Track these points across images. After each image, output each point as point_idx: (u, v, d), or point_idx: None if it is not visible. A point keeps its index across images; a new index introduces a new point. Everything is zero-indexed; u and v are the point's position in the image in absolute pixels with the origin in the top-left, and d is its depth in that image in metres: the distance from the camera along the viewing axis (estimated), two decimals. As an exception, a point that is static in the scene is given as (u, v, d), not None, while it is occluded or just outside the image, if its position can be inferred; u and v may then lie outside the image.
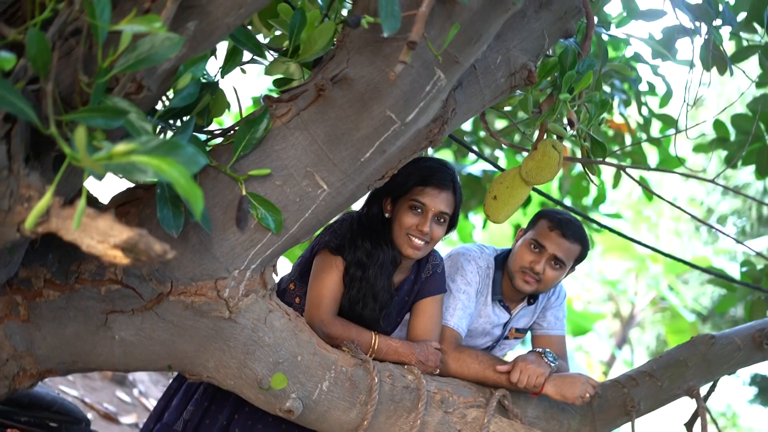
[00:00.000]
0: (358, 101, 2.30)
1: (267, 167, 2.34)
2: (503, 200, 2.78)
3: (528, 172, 2.73)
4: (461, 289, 3.11)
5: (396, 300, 2.97)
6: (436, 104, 2.39)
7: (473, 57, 2.35)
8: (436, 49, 2.21)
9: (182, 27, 1.99)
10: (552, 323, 3.41)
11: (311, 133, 2.33)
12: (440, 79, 2.31)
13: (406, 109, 2.31)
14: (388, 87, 2.27)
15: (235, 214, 2.33)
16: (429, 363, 2.83)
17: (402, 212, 2.86)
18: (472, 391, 2.87)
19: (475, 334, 3.29)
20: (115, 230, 1.67)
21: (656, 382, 3.10)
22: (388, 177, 2.51)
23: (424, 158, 2.93)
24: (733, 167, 6.02)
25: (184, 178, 1.56)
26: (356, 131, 2.32)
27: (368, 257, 2.83)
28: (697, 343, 3.17)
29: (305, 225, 2.43)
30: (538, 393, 2.93)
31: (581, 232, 3.16)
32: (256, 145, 2.34)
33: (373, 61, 2.27)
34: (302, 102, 2.36)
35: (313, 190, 2.37)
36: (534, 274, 3.13)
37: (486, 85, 2.57)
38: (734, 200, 16.42)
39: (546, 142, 2.72)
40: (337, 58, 2.34)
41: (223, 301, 2.40)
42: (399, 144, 2.40)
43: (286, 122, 2.35)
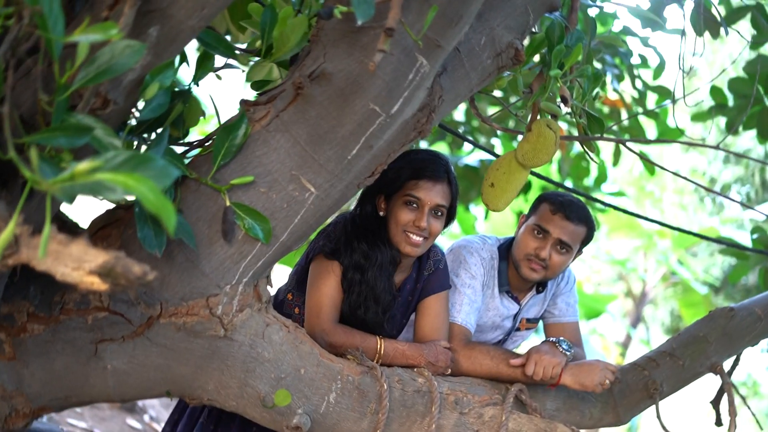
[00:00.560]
0: (339, 96, 2.19)
1: (250, 174, 2.23)
2: (501, 187, 2.67)
3: (524, 155, 2.63)
4: (466, 283, 3.00)
5: (399, 301, 2.86)
6: (421, 92, 2.29)
7: (455, 39, 2.25)
8: (416, 34, 2.10)
9: (144, 34, 1.90)
10: (563, 310, 3.30)
11: (293, 135, 2.23)
12: (423, 65, 2.21)
13: (389, 100, 2.20)
14: (369, 79, 2.16)
15: (221, 227, 2.23)
16: (439, 363, 2.72)
17: (397, 209, 2.75)
18: (487, 389, 2.76)
19: (485, 328, 3.18)
20: (89, 255, 1.58)
21: (677, 361, 2.98)
22: (378, 173, 2.40)
23: (415, 151, 2.82)
24: (734, 134, 5.91)
25: (153, 193, 1.45)
26: (340, 128, 2.22)
27: (366, 259, 2.72)
28: (716, 317, 3.06)
29: (296, 231, 2.32)
30: (556, 384, 2.82)
31: (585, 213, 3.05)
32: (236, 152, 2.24)
33: (350, 53, 2.17)
34: (281, 103, 2.26)
35: (300, 194, 2.27)
36: (540, 260, 3.03)
37: (472, 68, 2.46)
38: (736, 168, 16.30)
39: (540, 123, 2.62)
40: (314, 54, 2.24)
41: (216, 318, 2.30)
42: (386, 138, 2.30)
43: (266, 125, 2.25)
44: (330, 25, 2.22)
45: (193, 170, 2.27)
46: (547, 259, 3.02)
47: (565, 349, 2.83)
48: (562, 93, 2.52)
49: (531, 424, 2.65)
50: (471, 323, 2.96)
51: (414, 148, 2.83)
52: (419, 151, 2.84)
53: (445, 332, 2.86)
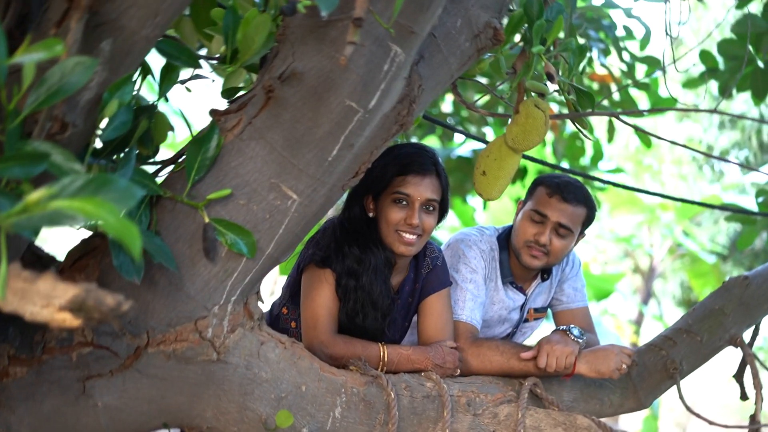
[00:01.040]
0: (312, 96, 2.09)
1: (227, 187, 2.13)
2: (493, 174, 2.56)
3: (514, 139, 2.52)
4: (467, 278, 2.89)
5: (399, 304, 2.75)
6: (399, 83, 2.18)
7: (429, 24, 2.14)
8: (386, 22, 2.00)
9: (96, 48, 1.79)
10: (571, 296, 3.19)
11: (268, 141, 2.13)
12: (397, 54, 2.10)
13: (366, 94, 2.10)
14: (342, 74, 2.06)
15: (202, 245, 2.12)
16: (447, 365, 2.61)
17: (386, 208, 2.64)
18: (500, 386, 2.65)
19: (491, 323, 3.07)
20: (58, 291, 1.48)
21: (695, 337, 2.87)
22: (362, 173, 2.30)
23: (399, 145, 2.71)
24: (728, 97, 5.81)
25: (114, 217, 1.35)
26: (317, 129, 2.11)
27: (359, 264, 2.61)
28: (731, 287, 2.95)
29: (282, 242, 2.22)
30: (571, 374, 2.71)
31: (583, 193, 2.94)
32: (210, 165, 2.13)
33: (320, 49, 2.07)
34: (252, 109, 2.16)
35: (282, 203, 2.16)
36: (540, 246, 2.92)
37: (450, 53, 2.35)
38: (732, 133, 16.20)
39: (528, 103, 2.51)
40: (282, 54, 2.13)
41: (207, 342, 2.19)
42: (366, 134, 2.19)
43: (239, 134, 2.15)
44: (296, 21, 2.12)
45: (167, 189, 2.16)
46: (548, 245, 2.91)
47: (577, 336, 2.72)
48: (547, 70, 2.41)
49: (549, 418, 2.54)
50: (476, 319, 2.85)
51: (398, 143, 2.72)
52: (404, 145, 2.73)
53: (450, 331, 2.75)
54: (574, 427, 2.52)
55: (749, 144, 15.87)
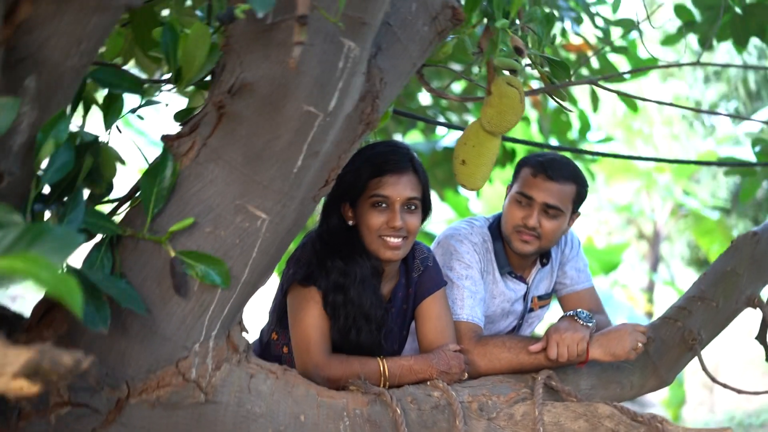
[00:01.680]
0: (267, 106, 1.96)
1: (189, 216, 2.00)
2: (473, 162, 2.43)
3: (490, 122, 2.38)
4: (462, 275, 2.75)
5: (393, 312, 2.61)
6: (358, 80, 2.05)
7: (381, 12, 2.01)
8: (333, 16, 1.86)
9: (20, 87, 1.65)
10: (575, 278, 3.06)
11: (227, 160, 2.00)
12: (351, 49, 1.97)
13: (323, 96, 1.97)
14: (295, 78, 1.93)
15: (172, 282, 1.99)
16: (453, 370, 2.47)
17: (365, 213, 2.50)
18: (512, 384, 2.51)
19: (495, 318, 2.94)
20: (9, 357, 1.37)
21: (710, 303, 2.74)
22: (333, 180, 2.16)
23: (370, 145, 2.57)
24: (709, 49, 5.68)
25: (47, 273, 1.22)
26: (277, 141, 1.98)
27: (345, 277, 2.47)
28: (740, 245, 2.81)
29: (257, 266, 2.08)
30: (585, 361, 2.57)
31: (570, 169, 2.80)
32: (168, 195, 2.00)
33: (268, 55, 1.94)
34: (205, 129, 2.03)
35: (251, 224, 2.03)
36: (529, 230, 2.78)
37: (409, 41, 2.22)
38: (719, 85, 16.08)
39: (500, 82, 2.38)
40: (230, 66, 2.01)
41: (192, 383, 2.06)
42: (331, 139, 2.06)
43: (194, 158, 2.02)
44: (239, 29, 1.99)
45: (126, 226, 2.03)
46: (537, 227, 2.78)
47: (586, 320, 2.58)
48: (515, 44, 2.28)
49: (568, 411, 2.41)
50: (478, 317, 2.71)
51: (369, 143, 2.58)
52: (375, 144, 2.59)
53: (452, 334, 2.61)
54: (595, 416, 2.39)
55: (737, 94, 15.75)
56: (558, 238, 2.84)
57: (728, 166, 4.87)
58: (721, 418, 13.46)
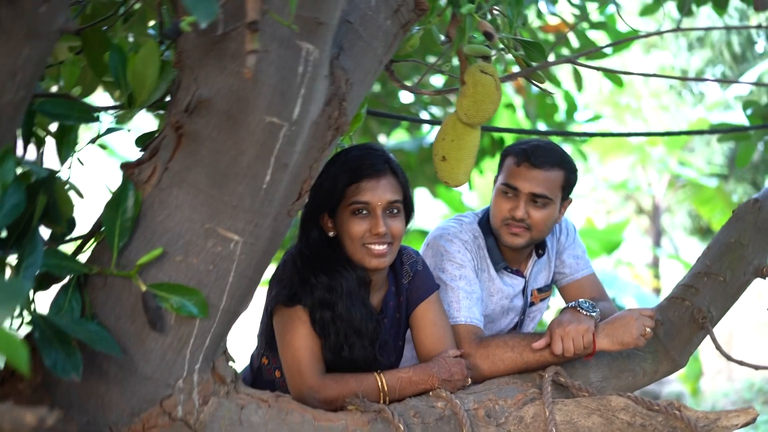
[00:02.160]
0: (227, 121, 1.86)
1: (157, 246, 1.90)
2: (454, 157, 2.32)
3: (467, 113, 2.28)
4: (455, 275, 2.65)
5: (386, 323, 2.51)
6: (321, 84, 1.95)
7: (337, 10, 1.91)
8: (286, 18, 1.76)
9: (-45, 130, 1.56)
10: (573, 266, 2.96)
11: (191, 183, 1.90)
12: (310, 52, 1.88)
13: (286, 105, 1.87)
14: (254, 89, 1.84)
15: (146, 317, 1.89)
16: (455, 377, 2.36)
17: (346, 222, 2.39)
18: (519, 385, 2.41)
19: (495, 316, 2.84)
20: (-34, 421, 1.26)
21: (717, 278, 2.64)
22: (307, 192, 2.06)
23: (343, 151, 2.46)
24: (689, 14, 5.60)
25: (-14, 329, 1.12)
26: (241, 157, 1.88)
27: (330, 292, 2.36)
28: (742, 214, 2.71)
29: (235, 291, 1.98)
30: (592, 353, 2.47)
31: (556, 154, 2.70)
32: (133, 226, 1.90)
33: (222, 68, 1.85)
34: (165, 152, 1.93)
35: (224, 248, 1.93)
36: (517, 222, 2.68)
37: (372, 37, 2.12)
38: (703, 51, 15.98)
39: (472, 71, 2.27)
40: (185, 83, 1.91)
41: (180, 422, 1.96)
42: (299, 149, 1.96)
43: (157, 184, 1.93)
44: (190, 43, 1.89)
45: (93, 264, 1.93)
46: (526, 219, 2.68)
47: (589, 309, 2.48)
48: (483, 29, 2.18)
49: (580, 408, 2.31)
50: (477, 317, 2.61)
51: (342, 148, 2.48)
52: (348, 149, 2.48)
53: (450, 339, 2.50)
54: (609, 410, 2.29)
55: (722, 59, 15.65)
56: (549, 227, 2.74)
57: (721, 132, 4.77)
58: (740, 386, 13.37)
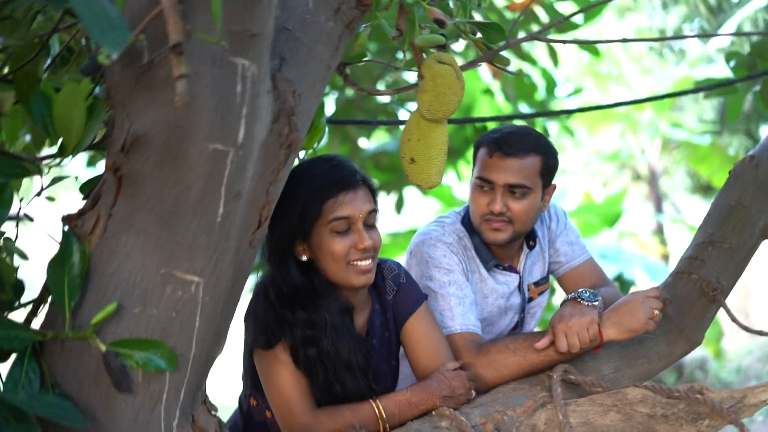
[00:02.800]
0: (167, 156, 1.73)
1: (111, 301, 1.76)
2: (423, 157, 2.18)
3: (429, 109, 2.14)
4: (444, 282, 2.51)
5: (375, 346, 2.36)
6: (264, 100, 1.81)
7: (270, 18, 1.77)
8: (213, 35, 1.63)
9: None
10: (569, 253, 2.82)
11: (139, 228, 1.77)
12: (247, 68, 1.74)
13: (228, 128, 1.73)
14: (190, 117, 1.70)
15: (110, 379, 1.75)
16: (457, 392, 2.22)
17: (326, 242, 2.23)
18: (527, 391, 2.27)
19: (493, 318, 2.70)
20: None
21: (722, 245, 2.50)
22: (267, 218, 1.93)
23: (305, 167, 2.30)
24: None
25: None
26: (188, 191, 1.75)
27: (312, 328, 2.20)
28: (740, 174, 2.57)
29: (205, 336, 1.85)
30: (600, 345, 2.33)
31: (531, 139, 2.56)
32: (83, 283, 1.77)
33: (153, 99, 1.71)
34: (107, 198, 1.80)
35: (184, 292, 1.79)
36: (497, 216, 2.55)
37: (315, 42, 1.98)
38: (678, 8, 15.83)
39: (429, 63, 2.14)
40: (118, 121, 1.78)
41: (164, 486, 1.82)
42: (251, 174, 1.82)
43: (102, 234, 1.79)
44: (116, 77, 1.76)
45: (47, 329, 1.80)
46: (505, 211, 2.54)
47: (590, 299, 2.34)
48: (434, 16, 2.05)
49: (596, 406, 2.17)
50: (473, 323, 2.47)
51: (303, 165, 2.32)
52: (309, 165, 2.31)
53: (446, 351, 2.35)
54: (627, 404, 2.16)
55: (698, 12, 15.50)
56: (533, 218, 2.60)
57: (706, 89, 4.64)
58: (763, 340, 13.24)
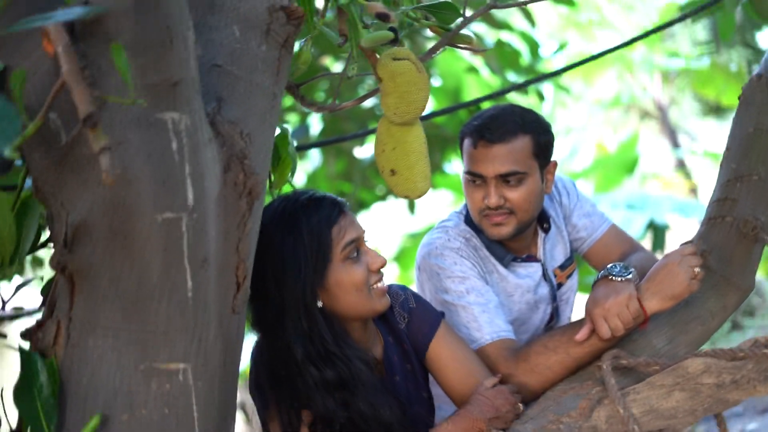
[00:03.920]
0: (115, 240, 1.56)
1: (94, 412, 1.59)
2: (402, 165, 1.99)
3: (396, 112, 1.94)
4: (462, 292, 2.30)
5: (398, 383, 2.15)
6: (208, 151, 1.63)
7: (190, 58, 1.58)
8: (126, 96, 1.45)
9: None
10: (588, 226, 2.61)
11: (105, 326, 1.60)
12: (177, 121, 1.56)
13: (174, 192, 1.56)
14: (128, 190, 1.53)
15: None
16: (502, 409, 2.01)
17: (344, 275, 2.01)
18: (578, 390, 2.06)
19: (524, 317, 2.49)
20: None
21: (750, 178, 2.27)
22: (246, 277, 1.74)
23: (287, 211, 2.06)
24: None
25: None
26: (148, 273, 1.58)
27: (344, 387, 1.99)
28: (750, 97, 2.34)
29: (208, 425, 1.68)
30: (646, 320, 2.12)
31: (515, 118, 2.35)
32: (58, 402, 1.62)
33: (83, 181, 1.56)
34: (63, 302, 1.64)
35: (172, 384, 1.62)
36: (495, 210, 2.35)
37: (252, 72, 1.79)
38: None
39: (384, 63, 1.95)
40: (54, 214, 1.63)
41: None
42: (213, 235, 1.64)
43: (66, 342, 1.63)
44: (38, 167, 1.60)
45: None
46: (503, 203, 2.34)
47: (621, 273, 2.12)
48: (374, 11, 1.86)
49: (656, 389, 1.97)
50: (503, 328, 2.27)
51: (278, 211, 2.09)
52: (289, 207, 2.05)
53: (479, 368, 2.14)
54: (690, 379, 1.95)
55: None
56: (536, 203, 2.40)
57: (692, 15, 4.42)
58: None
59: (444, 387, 2.17)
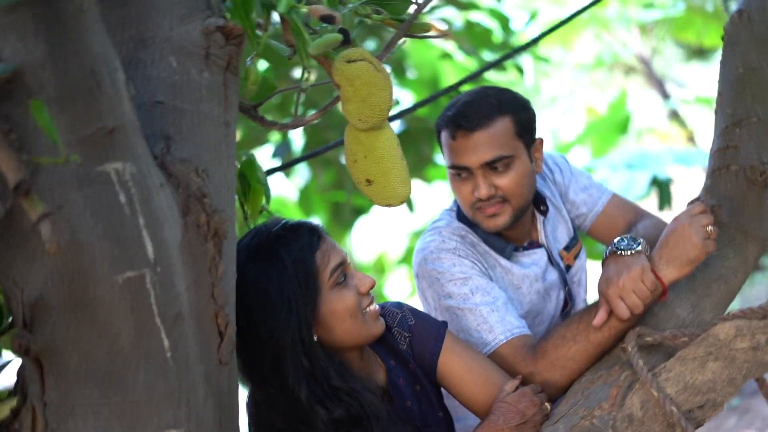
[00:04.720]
0: (75, 311, 1.46)
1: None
2: (378, 173, 1.86)
3: (361, 118, 1.82)
4: (465, 294, 2.18)
5: (411, 409, 2.02)
6: (161, 197, 1.51)
7: (123, 102, 1.46)
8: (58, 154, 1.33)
9: None
10: (587, 200, 2.49)
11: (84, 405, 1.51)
12: (121, 171, 1.44)
13: (131, 248, 1.45)
14: (80, 255, 1.42)
15: None
16: (529, 413, 1.88)
17: (336, 303, 1.90)
18: (605, 378, 1.94)
19: (536, 308, 2.36)
20: None
21: (749, 121, 2.12)
22: (229, 327, 1.63)
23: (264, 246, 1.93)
24: None
25: None
26: (119, 341, 1.47)
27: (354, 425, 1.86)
28: (734, 36, 2.15)
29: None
30: (665, 291, 1.99)
31: (490, 100, 2.22)
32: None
33: (30, 254, 1.45)
34: (34, 386, 1.53)
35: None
36: (487, 201, 2.23)
37: (197, 102, 1.67)
38: None
39: (338, 67, 1.82)
40: (10, 294, 1.53)
41: None
42: (183, 287, 1.53)
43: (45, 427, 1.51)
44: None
45: None
46: (494, 192, 2.22)
47: (629, 246, 1.99)
48: (317, 15, 1.74)
49: (688, 363, 1.84)
50: (516, 325, 2.14)
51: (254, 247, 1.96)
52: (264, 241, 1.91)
53: (497, 374, 2.01)
54: (722, 346, 1.83)
55: None
56: (529, 185, 2.27)
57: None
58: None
59: (463, 401, 2.04)
